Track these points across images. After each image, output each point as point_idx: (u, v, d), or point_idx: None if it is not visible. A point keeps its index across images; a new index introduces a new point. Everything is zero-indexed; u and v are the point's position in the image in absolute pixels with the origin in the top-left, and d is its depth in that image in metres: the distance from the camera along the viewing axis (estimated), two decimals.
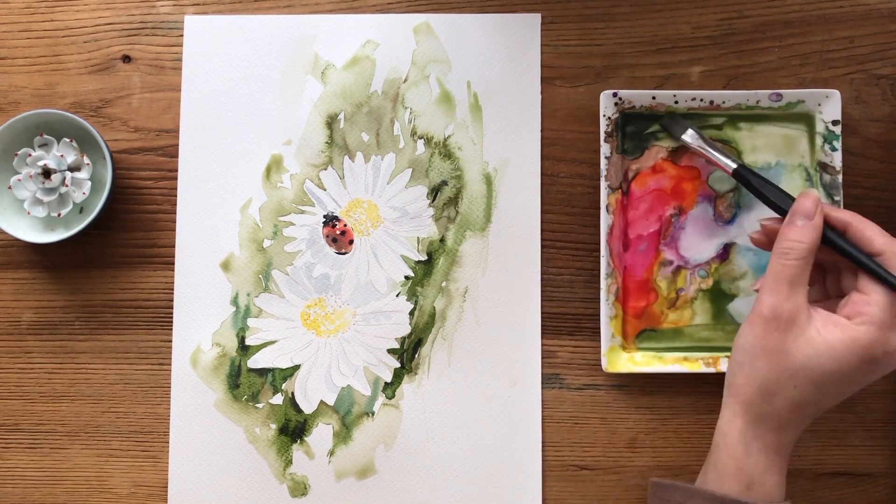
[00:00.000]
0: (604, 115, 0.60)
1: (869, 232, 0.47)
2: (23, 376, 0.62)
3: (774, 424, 0.46)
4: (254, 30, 0.63)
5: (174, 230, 0.62)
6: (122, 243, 0.63)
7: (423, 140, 0.62)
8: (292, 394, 0.61)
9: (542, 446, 0.61)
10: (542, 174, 0.62)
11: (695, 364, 0.60)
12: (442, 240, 0.62)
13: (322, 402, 0.61)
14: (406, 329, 0.62)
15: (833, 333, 0.45)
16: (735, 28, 0.63)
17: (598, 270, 0.60)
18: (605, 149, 0.60)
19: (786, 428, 0.47)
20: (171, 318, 0.62)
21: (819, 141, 0.61)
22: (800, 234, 0.47)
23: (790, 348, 0.45)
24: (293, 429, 0.61)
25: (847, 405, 0.60)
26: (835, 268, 0.52)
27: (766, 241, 0.52)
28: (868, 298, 0.45)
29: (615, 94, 0.60)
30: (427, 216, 0.62)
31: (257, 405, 0.61)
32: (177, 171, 0.63)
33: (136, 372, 0.62)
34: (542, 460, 0.60)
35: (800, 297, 0.46)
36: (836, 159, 0.60)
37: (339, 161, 0.63)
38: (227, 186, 0.63)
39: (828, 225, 0.49)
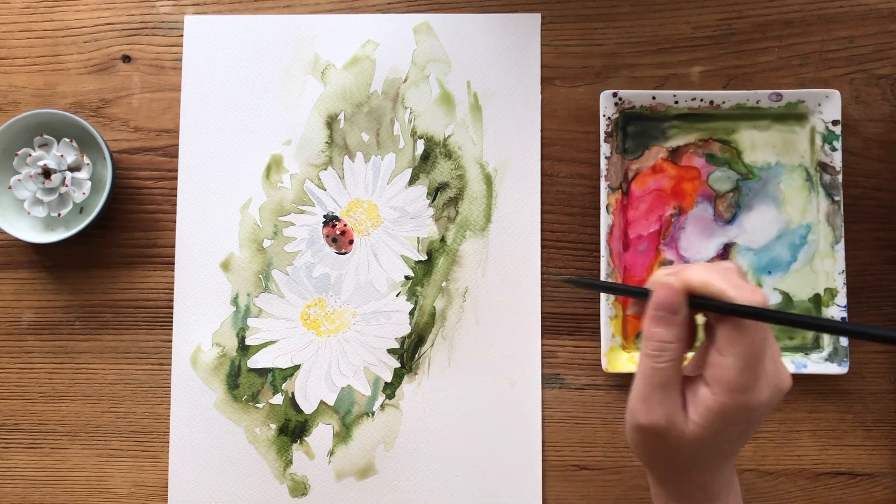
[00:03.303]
0: (604, 115, 0.60)
1: (717, 285, 0.42)
2: (23, 376, 0.62)
3: (690, 492, 0.45)
4: (254, 30, 0.63)
5: (174, 230, 0.62)
6: (122, 243, 0.63)
7: (423, 140, 0.62)
8: (292, 394, 0.61)
9: (542, 446, 0.61)
10: (542, 174, 0.62)
11: None
12: (442, 240, 0.62)
13: (322, 402, 0.61)
14: (406, 329, 0.62)
15: (704, 416, 0.42)
16: (735, 28, 0.63)
17: (598, 270, 0.60)
18: (605, 149, 0.60)
19: (705, 488, 0.45)
20: (171, 318, 0.62)
21: (819, 141, 0.61)
22: (667, 334, 0.42)
23: (677, 447, 0.43)
24: (293, 429, 0.61)
25: (847, 405, 0.60)
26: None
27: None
28: (722, 361, 0.41)
29: (615, 94, 0.60)
30: (427, 216, 0.62)
31: (257, 405, 0.61)
32: (177, 171, 0.63)
33: (136, 372, 0.62)
34: (542, 460, 0.60)
35: (674, 396, 0.43)
36: (836, 159, 0.60)
37: (339, 161, 0.63)
38: (227, 186, 0.62)
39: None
